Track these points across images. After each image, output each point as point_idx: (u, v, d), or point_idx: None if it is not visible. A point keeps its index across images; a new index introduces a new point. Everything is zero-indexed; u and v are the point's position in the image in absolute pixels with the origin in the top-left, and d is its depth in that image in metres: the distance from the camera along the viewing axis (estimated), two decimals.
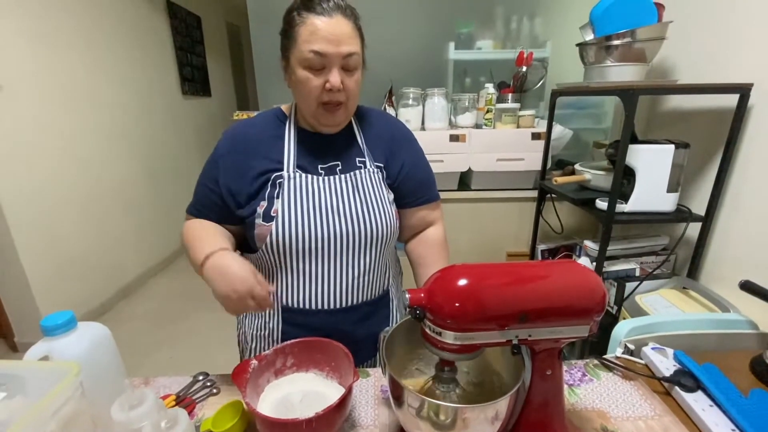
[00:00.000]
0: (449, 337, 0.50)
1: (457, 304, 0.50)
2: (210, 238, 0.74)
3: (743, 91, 1.11)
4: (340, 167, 0.80)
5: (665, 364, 0.76)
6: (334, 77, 0.70)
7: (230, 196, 0.77)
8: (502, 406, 0.52)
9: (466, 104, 1.82)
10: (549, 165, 1.68)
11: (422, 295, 0.52)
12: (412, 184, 0.87)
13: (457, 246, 1.87)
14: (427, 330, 0.53)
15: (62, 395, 0.49)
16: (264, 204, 0.75)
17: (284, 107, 0.85)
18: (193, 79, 3.78)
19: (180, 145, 3.59)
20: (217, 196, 0.78)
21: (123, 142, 2.82)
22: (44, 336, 0.56)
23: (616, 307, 1.32)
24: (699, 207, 1.26)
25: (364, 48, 0.75)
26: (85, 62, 2.46)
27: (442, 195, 0.95)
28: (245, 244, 0.84)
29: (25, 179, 2.05)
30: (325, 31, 0.68)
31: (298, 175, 0.77)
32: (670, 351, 0.79)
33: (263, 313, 0.83)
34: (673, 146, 1.16)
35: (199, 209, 0.82)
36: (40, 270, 2.14)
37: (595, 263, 1.30)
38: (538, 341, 0.53)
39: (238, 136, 0.81)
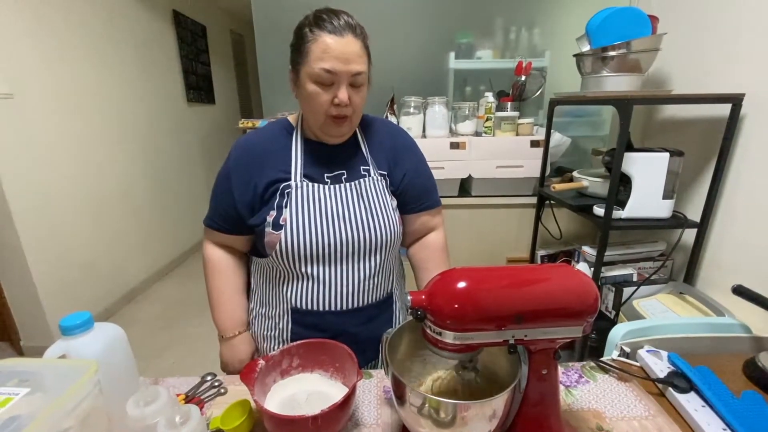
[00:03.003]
0: (449, 337, 0.53)
1: (456, 306, 0.52)
2: (231, 308, 0.91)
3: (735, 101, 1.14)
4: (345, 176, 0.83)
5: (659, 366, 0.78)
6: (343, 93, 0.73)
7: (243, 206, 0.81)
8: (499, 403, 0.54)
9: (466, 112, 1.86)
10: (548, 172, 1.71)
11: (423, 297, 0.55)
12: (415, 191, 0.90)
13: (458, 251, 1.88)
14: (428, 330, 0.55)
15: (81, 392, 0.52)
16: (273, 213, 0.79)
17: (291, 118, 0.88)
18: (198, 87, 3.84)
19: (184, 151, 3.64)
20: (232, 208, 0.82)
21: (129, 148, 2.86)
22: (62, 335, 0.59)
23: (614, 312, 1.35)
24: (694, 213, 1.28)
25: (370, 66, 0.79)
26: (93, 71, 2.52)
27: (443, 201, 0.98)
28: (256, 250, 0.87)
29: (33, 185, 2.09)
30: (336, 50, 0.71)
31: (305, 184, 0.80)
32: (664, 353, 0.81)
33: (274, 314, 0.86)
34: (667, 154, 1.19)
35: (216, 221, 0.86)
36: (47, 274, 2.17)
37: (593, 268, 1.32)
38: (534, 341, 0.55)
39: (248, 148, 0.84)
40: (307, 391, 0.69)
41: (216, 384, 0.78)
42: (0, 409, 0.48)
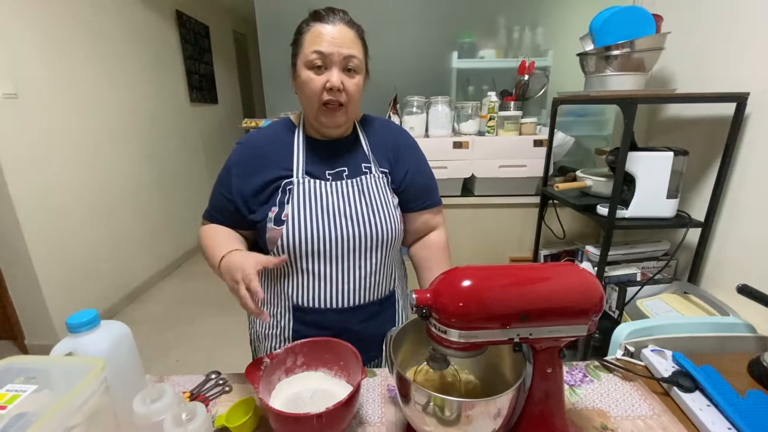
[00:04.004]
0: (454, 336, 0.53)
1: (461, 304, 0.52)
2: (225, 242, 0.79)
3: (740, 99, 1.14)
4: (346, 173, 0.84)
5: (664, 366, 0.78)
6: (334, 76, 0.75)
7: (243, 202, 0.82)
8: (504, 401, 0.54)
9: (469, 112, 1.86)
10: (551, 171, 1.71)
11: (428, 295, 0.55)
12: (416, 190, 0.90)
13: (461, 251, 1.89)
14: (433, 329, 0.55)
15: (88, 389, 0.52)
16: (275, 209, 0.79)
17: (293, 117, 0.89)
18: (201, 87, 3.85)
19: (187, 151, 3.65)
20: (231, 204, 0.83)
21: (132, 148, 2.87)
22: (69, 333, 0.59)
23: (617, 312, 1.34)
24: (698, 213, 1.28)
25: (367, 58, 0.80)
26: (96, 71, 2.53)
27: (446, 201, 0.98)
28: (257, 248, 0.88)
29: (38, 184, 2.10)
30: (328, 35, 0.74)
31: (306, 180, 0.81)
32: (668, 353, 0.81)
33: (275, 313, 0.86)
34: (672, 153, 1.18)
35: (214, 215, 0.86)
36: (51, 273, 2.18)
37: (596, 268, 1.32)
38: (538, 340, 0.55)
39: (250, 146, 0.85)
40: (311, 389, 0.70)
41: (221, 382, 0.78)
42: (8, 406, 0.48)
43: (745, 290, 0.83)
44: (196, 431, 0.52)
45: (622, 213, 1.24)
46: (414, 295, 0.55)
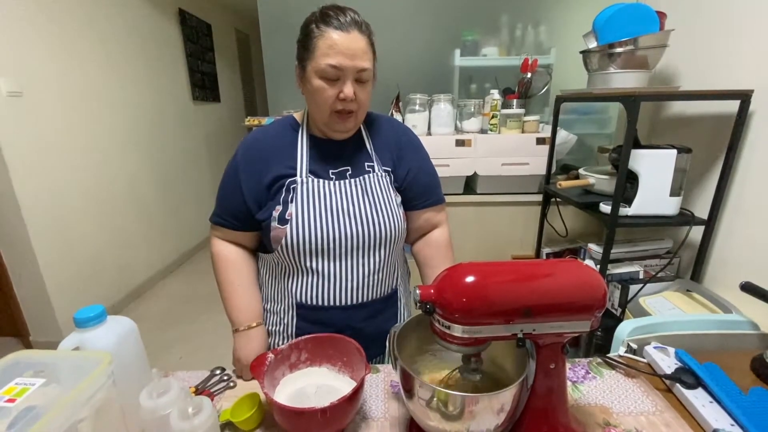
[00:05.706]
0: (457, 331, 0.53)
1: (464, 300, 0.53)
2: (247, 299, 0.87)
3: (744, 97, 1.13)
4: (349, 172, 0.84)
5: (667, 363, 0.78)
6: (348, 89, 0.74)
7: (252, 201, 0.82)
8: (507, 396, 0.54)
9: (472, 110, 1.86)
10: (554, 169, 1.70)
11: (432, 291, 0.55)
12: (418, 188, 0.90)
13: (463, 249, 1.88)
14: (437, 324, 0.56)
15: (95, 383, 0.53)
16: (279, 208, 0.79)
17: (296, 115, 0.89)
18: (204, 86, 3.86)
19: (190, 149, 3.66)
20: (241, 204, 0.82)
21: (135, 146, 2.89)
22: (77, 328, 0.60)
23: (620, 309, 1.34)
24: (702, 211, 1.27)
25: (375, 62, 0.80)
26: (100, 69, 2.54)
27: (448, 199, 0.98)
28: (262, 246, 0.88)
29: (42, 183, 2.12)
30: (342, 45, 0.72)
31: (310, 179, 0.81)
32: (671, 350, 0.81)
33: (279, 310, 0.87)
34: (675, 151, 1.18)
35: (223, 217, 0.85)
36: (55, 271, 2.20)
37: (599, 266, 1.32)
38: (541, 335, 0.55)
39: (255, 144, 0.85)
40: (315, 384, 0.70)
41: (225, 378, 0.79)
42: (17, 399, 0.49)
43: (748, 288, 0.83)
44: (202, 425, 0.53)
45: (624, 211, 1.24)
46: (418, 291, 0.55)
